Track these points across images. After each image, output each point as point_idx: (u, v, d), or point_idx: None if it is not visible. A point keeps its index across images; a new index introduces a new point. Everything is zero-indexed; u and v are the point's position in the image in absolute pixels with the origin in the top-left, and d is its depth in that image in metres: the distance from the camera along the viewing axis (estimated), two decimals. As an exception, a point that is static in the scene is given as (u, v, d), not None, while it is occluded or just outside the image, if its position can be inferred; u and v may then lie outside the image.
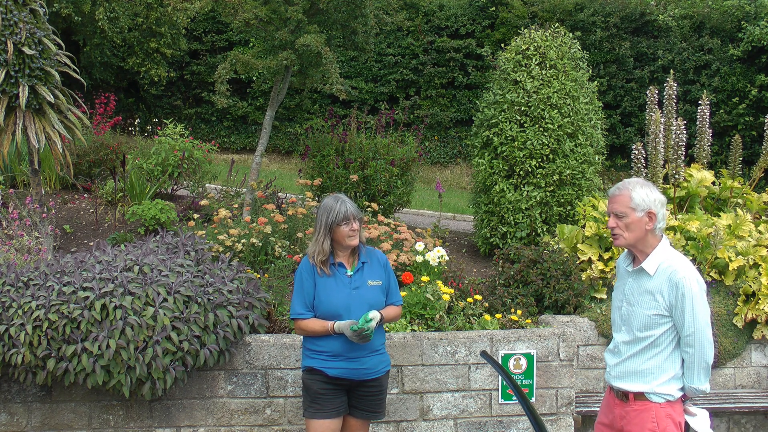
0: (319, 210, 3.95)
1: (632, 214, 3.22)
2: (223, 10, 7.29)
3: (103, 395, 4.66)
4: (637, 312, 3.26)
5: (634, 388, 3.26)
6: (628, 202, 3.24)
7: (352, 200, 3.96)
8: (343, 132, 7.97)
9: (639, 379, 3.25)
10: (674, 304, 3.17)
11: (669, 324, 3.21)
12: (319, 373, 3.86)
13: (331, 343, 3.84)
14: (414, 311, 5.25)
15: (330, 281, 3.88)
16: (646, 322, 3.23)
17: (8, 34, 5.71)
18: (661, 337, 3.22)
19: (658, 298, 3.20)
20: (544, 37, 7.26)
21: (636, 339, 3.27)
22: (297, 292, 3.93)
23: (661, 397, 3.23)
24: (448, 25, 15.60)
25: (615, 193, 3.29)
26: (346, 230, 3.85)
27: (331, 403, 3.87)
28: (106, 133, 9.86)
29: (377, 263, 4.01)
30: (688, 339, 3.18)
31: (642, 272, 3.27)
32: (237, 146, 15.40)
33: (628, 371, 3.29)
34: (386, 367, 4.01)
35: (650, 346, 3.24)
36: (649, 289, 3.23)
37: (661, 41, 14.56)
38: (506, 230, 7.00)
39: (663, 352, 3.23)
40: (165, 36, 13.73)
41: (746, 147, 12.66)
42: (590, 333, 5.64)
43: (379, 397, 4.00)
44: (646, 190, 3.25)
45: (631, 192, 3.24)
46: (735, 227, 6.24)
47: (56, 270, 4.70)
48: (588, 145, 7.08)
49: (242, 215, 6.81)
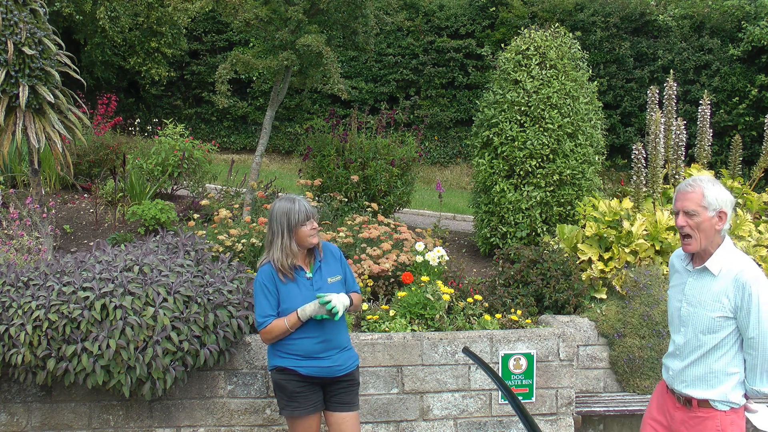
0: (273, 214, 3.86)
1: (704, 213, 3.08)
2: (224, 10, 7.29)
3: (103, 395, 4.66)
4: (700, 314, 3.14)
5: (699, 395, 3.15)
6: (701, 200, 3.08)
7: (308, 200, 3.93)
8: (343, 132, 7.97)
9: (704, 384, 3.15)
10: (740, 305, 3.04)
11: (733, 326, 3.09)
12: (293, 373, 3.86)
13: (303, 344, 3.83)
14: (414, 311, 5.25)
15: (292, 287, 3.84)
16: (710, 325, 3.11)
17: (8, 34, 5.71)
18: (725, 339, 3.10)
19: (723, 300, 3.08)
20: (544, 37, 7.27)
21: (699, 341, 3.15)
22: (260, 302, 3.85)
23: (726, 405, 3.13)
24: (448, 25, 15.61)
25: (687, 190, 3.11)
26: (307, 230, 3.83)
27: (308, 400, 3.88)
28: (106, 133, 9.86)
29: (332, 258, 4.01)
30: (751, 341, 3.05)
31: (705, 272, 3.15)
32: (237, 146, 15.40)
33: (693, 376, 3.17)
34: (356, 362, 4.04)
35: (714, 349, 3.12)
36: (713, 290, 3.11)
37: (661, 41, 14.56)
38: (506, 230, 7.00)
39: (726, 355, 3.11)
40: (166, 36, 13.75)
41: (746, 147, 12.67)
42: (590, 333, 5.64)
43: (352, 390, 4.02)
44: (718, 188, 3.11)
45: (705, 189, 3.09)
46: (735, 227, 6.25)
47: (56, 270, 4.70)
48: (588, 145, 7.08)
49: (242, 215, 6.81)
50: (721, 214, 3.10)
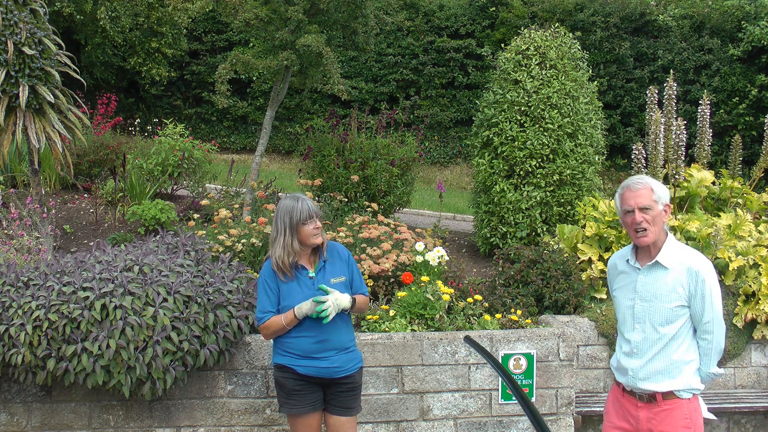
0: (278, 212, 3.87)
1: (656, 206, 3.20)
2: (224, 10, 7.29)
3: (103, 395, 4.66)
4: (656, 307, 3.24)
5: (664, 387, 3.23)
6: (651, 195, 3.21)
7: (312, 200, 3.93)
8: (343, 132, 7.97)
9: (667, 376, 3.24)
10: (693, 293, 3.18)
11: (687, 315, 3.23)
12: (290, 371, 3.85)
13: (300, 343, 3.82)
14: (414, 311, 5.25)
15: (293, 285, 3.84)
16: (668, 316, 3.21)
17: (8, 34, 5.71)
18: (681, 329, 3.22)
19: (679, 289, 3.19)
20: (544, 37, 7.27)
21: (657, 335, 3.24)
22: (261, 298, 3.87)
23: (689, 393, 3.25)
24: (448, 25, 15.61)
25: (637, 188, 3.23)
26: (310, 229, 3.82)
27: (306, 399, 3.87)
28: (106, 133, 9.87)
29: (339, 259, 3.99)
30: (707, 326, 3.20)
31: (657, 266, 3.25)
32: (237, 146, 15.41)
33: (655, 371, 3.25)
34: (358, 364, 3.99)
35: (672, 340, 3.23)
36: (668, 282, 3.21)
37: (661, 41, 14.56)
38: (506, 230, 7.00)
39: (683, 344, 3.24)
40: (166, 36, 13.75)
41: (746, 147, 12.67)
42: (590, 333, 5.64)
43: (353, 394, 3.98)
44: (660, 184, 3.26)
45: (652, 185, 3.23)
46: (735, 227, 6.24)
47: (56, 270, 4.70)
48: (588, 145, 7.08)
49: (242, 215, 6.81)
50: (666, 208, 3.25)
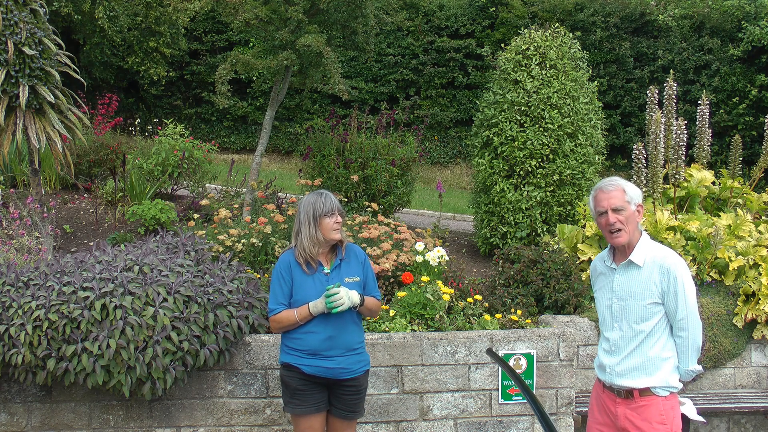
0: (301, 206, 3.93)
1: (628, 207, 3.30)
2: (224, 10, 7.29)
3: (103, 395, 4.66)
4: (631, 305, 3.32)
5: (641, 384, 3.29)
6: (624, 196, 3.30)
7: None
8: (343, 132, 7.97)
9: (643, 373, 3.29)
10: (666, 290, 3.25)
11: (662, 312, 3.29)
12: (296, 370, 3.86)
13: (308, 339, 3.83)
14: (414, 311, 5.25)
15: (307, 280, 3.86)
16: (643, 313, 3.29)
17: (9, 34, 5.71)
18: (656, 325, 3.29)
19: (652, 287, 3.27)
20: (544, 37, 7.27)
21: (634, 332, 3.32)
22: (274, 290, 3.90)
23: (666, 390, 3.30)
24: (448, 25, 15.61)
25: (610, 189, 3.33)
26: (331, 222, 3.85)
27: (311, 398, 3.87)
28: (106, 133, 9.87)
29: (355, 259, 4.00)
30: (681, 323, 3.27)
31: (631, 265, 3.34)
32: (237, 146, 15.40)
33: (632, 367, 3.31)
34: (365, 367, 3.98)
35: (648, 337, 3.29)
36: (641, 279, 3.30)
37: (661, 41, 14.56)
38: (506, 230, 7.00)
39: (659, 341, 3.30)
40: (164, 35, 13.74)
41: (746, 147, 12.67)
42: (590, 333, 5.64)
43: (357, 397, 3.98)
44: (632, 185, 3.36)
45: (624, 186, 3.32)
46: (735, 227, 6.24)
47: (56, 270, 4.70)
48: (588, 145, 7.08)
49: (242, 215, 6.81)
50: (639, 208, 3.33)
